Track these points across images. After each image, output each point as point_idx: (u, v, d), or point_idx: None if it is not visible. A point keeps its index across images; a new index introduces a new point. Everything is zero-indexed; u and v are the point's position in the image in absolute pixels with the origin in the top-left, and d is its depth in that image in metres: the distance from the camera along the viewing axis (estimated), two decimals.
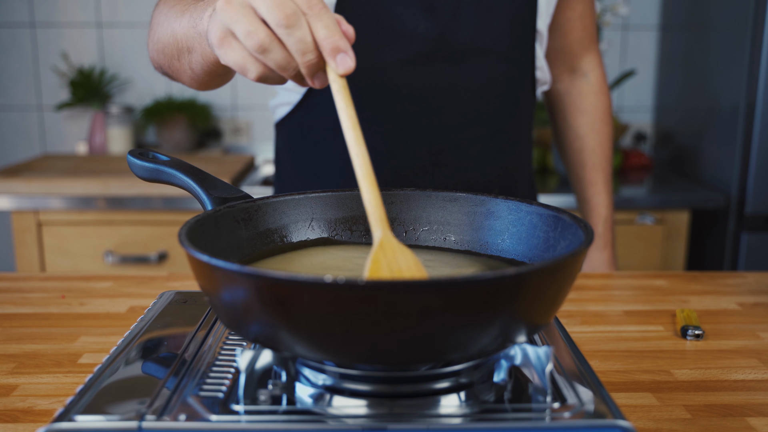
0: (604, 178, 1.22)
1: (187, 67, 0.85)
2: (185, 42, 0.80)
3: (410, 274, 0.56)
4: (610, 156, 1.23)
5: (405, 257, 0.56)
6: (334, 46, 0.57)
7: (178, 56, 0.84)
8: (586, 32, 1.19)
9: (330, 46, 0.57)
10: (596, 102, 1.21)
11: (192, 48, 0.79)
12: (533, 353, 0.56)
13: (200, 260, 0.53)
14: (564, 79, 1.22)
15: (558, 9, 1.14)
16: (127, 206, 1.84)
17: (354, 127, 0.58)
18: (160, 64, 0.93)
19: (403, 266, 0.56)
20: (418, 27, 0.98)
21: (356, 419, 0.53)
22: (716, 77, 1.97)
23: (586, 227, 0.60)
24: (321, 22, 0.57)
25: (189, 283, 1.01)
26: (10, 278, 1.04)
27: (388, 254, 0.56)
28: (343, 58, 0.57)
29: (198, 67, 0.81)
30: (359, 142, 0.58)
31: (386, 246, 0.56)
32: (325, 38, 0.57)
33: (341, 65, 0.58)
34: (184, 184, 0.72)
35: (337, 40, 0.57)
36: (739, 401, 0.67)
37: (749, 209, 1.84)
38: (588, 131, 1.21)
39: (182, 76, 0.90)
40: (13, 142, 2.46)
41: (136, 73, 2.42)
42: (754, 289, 1.00)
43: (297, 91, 1.04)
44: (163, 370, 0.60)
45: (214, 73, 0.82)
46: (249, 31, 0.58)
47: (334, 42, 0.57)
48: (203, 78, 0.86)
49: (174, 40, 0.82)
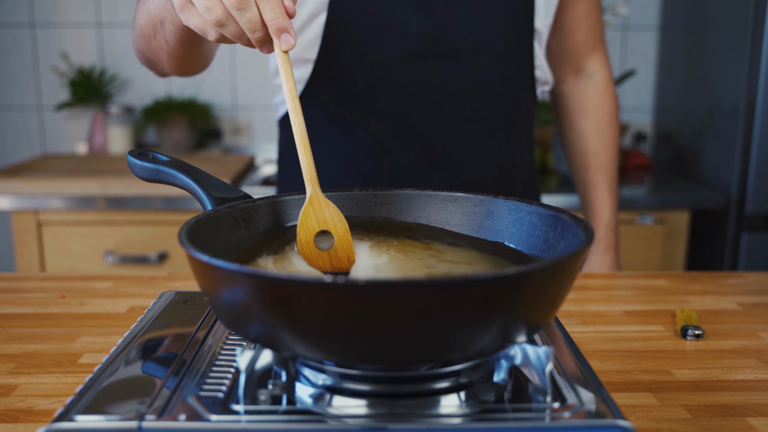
0: (608, 181, 1.20)
1: (162, 42, 0.90)
2: (158, 15, 0.86)
3: (333, 224, 0.66)
4: (615, 159, 1.21)
5: (330, 211, 0.67)
6: (278, 26, 0.65)
7: (154, 32, 0.90)
8: (590, 33, 1.18)
9: (275, 26, 0.65)
10: (601, 104, 1.20)
11: (163, 19, 0.85)
12: (533, 353, 0.56)
13: (200, 260, 0.53)
14: (569, 80, 1.21)
15: (560, 9, 1.13)
16: (127, 206, 1.85)
17: (293, 98, 0.66)
18: (141, 50, 0.98)
19: (327, 218, 0.66)
20: (410, 25, 0.98)
21: (356, 419, 0.53)
22: (716, 77, 1.97)
23: (586, 227, 0.60)
24: (268, 4, 0.65)
25: (189, 283, 1.01)
26: (10, 278, 1.04)
27: (316, 208, 0.66)
28: (285, 37, 0.66)
29: (171, 36, 0.87)
30: (297, 112, 0.66)
31: (314, 201, 0.67)
32: (271, 19, 0.65)
33: (284, 43, 0.66)
34: (184, 184, 0.72)
35: (281, 21, 0.65)
36: (739, 401, 0.67)
37: (749, 209, 1.84)
38: (592, 133, 1.20)
39: (161, 55, 0.95)
40: (13, 142, 2.46)
41: (136, 73, 2.42)
42: (754, 289, 1.00)
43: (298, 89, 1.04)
44: (163, 370, 0.60)
45: (185, 40, 0.87)
46: (208, 6, 0.66)
47: (279, 23, 0.65)
48: (178, 50, 0.90)
49: (149, 17, 0.89)
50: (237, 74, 2.42)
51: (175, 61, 0.95)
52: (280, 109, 1.12)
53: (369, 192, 0.75)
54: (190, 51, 0.92)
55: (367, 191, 0.75)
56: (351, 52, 0.99)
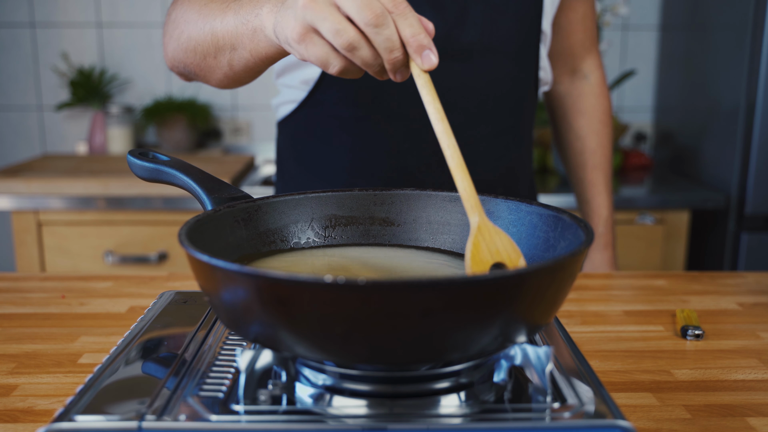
0: (605, 179, 1.22)
1: (224, 64, 0.85)
2: (228, 39, 0.80)
3: (507, 255, 0.59)
4: (611, 157, 1.23)
5: (501, 240, 0.60)
6: (419, 44, 0.60)
7: (215, 54, 0.84)
8: (587, 34, 1.19)
9: (416, 44, 0.60)
10: (596, 104, 1.22)
11: (237, 45, 0.79)
12: (533, 353, 0.56)
13: (200, 260, 0.53)
14: (564, 81, 1.22)
15: (560, 10, 1.14)
16: (127, 206, 1.85)
17: (442, 120, 0.61)
18: (186, 63, 0.92)
19: (500, 248, 0.59)
20: None
21: (356, 419, 0.53)
22: (716, 77, 1.97)
23: (586, 227, 0.60)
24: (407, 20, 0.60)
25: (189, 283, 1.01)
26: (10, 278, 1.04)
27: (486, 238, 0.59)
28: (427, 54, 0.61)
29: (241, 63, 0.82)
30: (448, 134, 0.61)
31: (484, 230, 0.60)
32: (412, 36, 0.60)
33: (426, 61, 0.61)
34: (184, 184, 0.72)
35: (422, 38, 0.60)
36: (739, 401, 0.67)
37: (749, 209, 1.84)
38: (588, 132, 1.21)
39: (213, 74, 0.90)
40: (13, 142, 2.46)
41: (136, 73, 2.42)
42: (754, 289, 1.00)
43: (302, 89, 1.04)
44: (163, 370, 0.60)
45: (255, 69, 0.83)
46: (338, 29, 0.60)
47: (420, 40, 0.60)
48: (240, 74, 0.86)
49: (213, 37, 0.83)
50: None
51: (230, 81, 0.90)
52: (279, 110, 1.12)
53: (369, 192, 0.75)
54: (252, 75, 0.87)
55: (367, 191, 0.75)
56: None
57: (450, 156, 0.61)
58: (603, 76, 1.23)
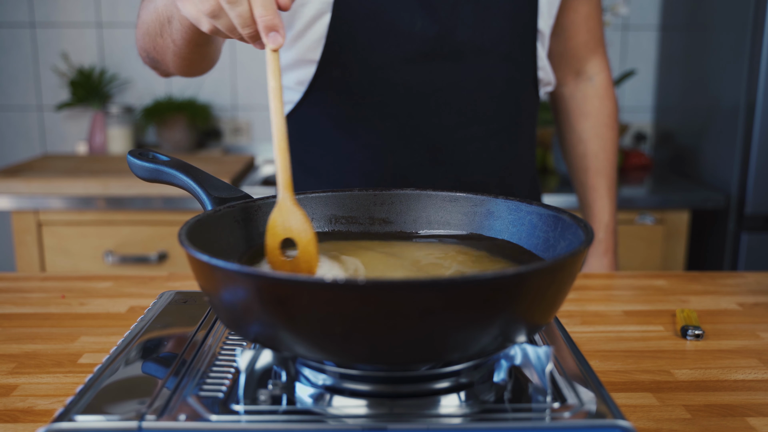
0: (607, 184, 1.20)
1: (169, 41, 0.90)
2: (165, 13, 0.86)
3: (297, 233, 0.64)
4: (614, 161, 1.21)
5: (296, 218, 0.64)
6: (267, 24, 0.64)
7: (161, 31, 0.90)
8: (591, 35, 1.18)
9: (264, 23, 0.64)
10: (601, 106, 1.20)
11: (171, 16, 0.85)
12: (533, 353, 0.56)
13: (200, 260, 0.53)
14: (569, 83, 1.21)
15: (562, 11, 1.13)
16: (127, 206, 1.84)
17: (275, 98, 0.64)
18: (146, 49, 0.98)
19: (293, 226, 0.64)
20: (415, 25, 0.98)
21: (356, 419, 0.53)
22: (716, 77, 1.97)
23: (586, 227, 0.60)
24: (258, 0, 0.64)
25: (189, 283, 1.01)
26: (10, 278, 1.04)
27: (284, 214, 0.64)
28: (274, 36, 0.64)
29: (178, 35, 0.87)
30: (277, 112, 0.64)
31: (282, 206, 0.64)
32: (261, 16, 0.64)
33: (271, 41, 0.64)
34: (184, 184, 0.72)
35: (270, 18, 0.64)
36: (739, 401, 0.67)
37: (749, 209, 1.84)
38: (592, 136, 1.20)
39: (166, 55, 0.94)
40: (13, 142, 2.46)
41: (136, 73, 2.42)
42: (754, 289, 1.00)
43: (298, 90, 1.04)
44: (163, 370, 0.60)
45: (192, 40, 0.87)
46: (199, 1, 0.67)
47: (267, 21, 0.64)
48: (184, 50, 0.90)
49: (156, 15, 0.89)
50: (237, 74, 2.42)
51: (181, 61, 0.95)
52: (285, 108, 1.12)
53: (369, 192, 0.75)
54: (197, 51, 0.91)
55: (366, 191, 0.75)
56: (355, 52, 0.98)
57: (274, 134, 0.64)
58: (609, 78, 1.21)
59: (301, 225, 0.64)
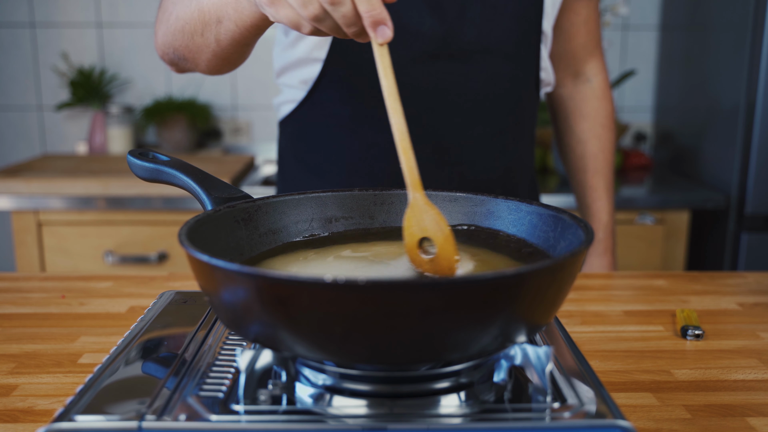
0: (606, 184, 1.21)
1: (212, 41, 0.87)
2: (214, 13, 0.83)
3: (433, 232, 0.62)
4: (612, 161, 1.22)
5: (430, 217, 0.62)
6: (374, 19, 0.62)
7: (203, 31, 0.87)
8: (590, 37, 1.19)
9: (370, 19, 0.62)
10: (599, 107, 1.21)
11: (222, 17, 0.82)
12: (533, 353, 0.56)
13: (200, 260, 0.53)
14: (567, 84, 1.22)
15: (562, 13, 1.14)
16: (127, 206, 1.84)
17: (391, 95, 0.62)
18: (175, 46, 0.94)
19: (428, 225, 0.62)
20: (424, 25, 0.98)
21: (356, 419, 0.53)
22: (716, 77, 1.97)
23: (586, 227, 0.60)
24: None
25: (189, 283, 1.01)
26: (10, 278, 1.04)
27: (417, 213, 0.63)
28: (382, 29, 0.63)
29: (227, 37, 0.84)
30: (396, 112, 0.62)
31: (414, 206, 0.63)
32: (367, 11, 0.62)
33: (380, 35, 0.63)
34: (184, 184, 0.72)
35: (377, 13, 0.62)
36: (739, 401, 0.67)
37: (749, 209, 1.84)
38: (590, 136, 1.21)
39: (201, 54, 0.91)
40: (13, 142, 2.46)
41: (136, 73, 2.42)
42: (754, 289, 1.00)
43: (301, 89, 1.04)
44: (163, 370, 0.60)
45: (241, 42, 0.85)
46: (304, 2, 0.64)
47: (374, 15, 0.62)
48: (228, 50, 0.88)
49: (200, 14, 0.86)
50: (237, 74, 2.42)
51: (218, 60, 0.92)
52: (281, 109, 1.12)
53: (369, 192, 0.75)
54: (240, 51, 0.89)
55: (367, 191, 0.75)
56: (361, 52, 0.99)
57: (395, 133, 0.62)
58: (606, 80, 1.23)
59: (436, 224, 0.62)
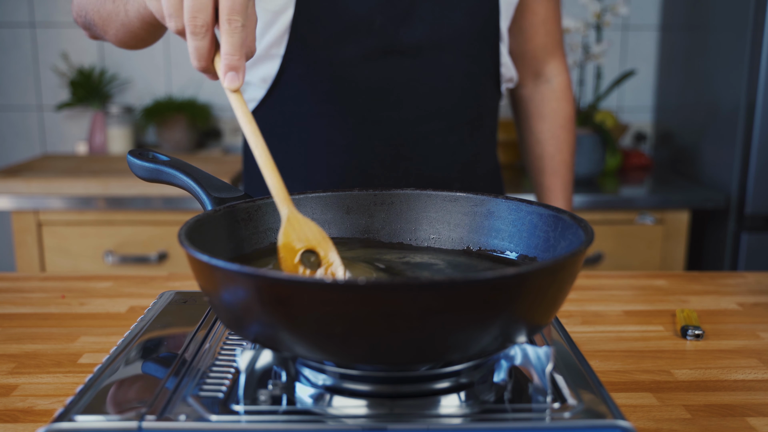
0: (563, 185, 1.21)
1: (121, 9, 0.87)
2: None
3: (316, 241, 0.62)
4: (570, 162, 1.22)
5: (310, 228, 0.63)
6: (229, 64, 0.63)
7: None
8: (549, 38, 1.18)
9: (226, 63, 0.63)
10: (558, 108, 1.21)
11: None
12: (533, 353, 0.56)
13: (200, 260, 0.53)
14: (528, 84, 1.22)
15: (520, 13, 1.13)
16: (127, 206, 1.84)
17: (249, 122, 0.63)
18: (87, 9, 0.95)
19: (309, 235, 0.62)
20: (375, 22, 0.98)
21: (356, 419, 0.53)
22: (716, 77, 1.97)
23: (586, 227, 0.60)
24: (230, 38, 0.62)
25: (189, 283, 1.01)
26: (10, 278, 1.04)
27: (296, 227, 0.62)
28: (232, 77, 0.63)
29: (134, 8, 0.84)
30: (256, 134, 0.63)
31: (293, 220, 0.63)
32: (225, 54, 0.63)
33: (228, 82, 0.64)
34: (184, 184, 0.72)
35: (235, 61, 0.63)
36: (739, 401, 0.67)
37: (749, 209, 1.84)
38: (548, 137, 1.21)
39: (111, 22, 0.91)
40: (13, 142, 2.46)
41: (136, 73, 2.42)
42: (754, 289, 1.00)
43: (261, 87, 1.05)
44: (163, 370, 0.60)
45: (148, 20, 0.84)
46: (170, 14, 0.64)
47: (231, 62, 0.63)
48: (135, 23, 0.87)
49: None
50: None
51: (127, 33, 0.91)
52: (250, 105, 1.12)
53: (369, 192, 0.75)
54: (146, 29, 0.89)
55: (367, 191, 0.75)
56: (317, 48, 0.99)
57: (258, 155, 0.63)
58: (567, 81, 1.22)
59: (318, 233, 0.62)
